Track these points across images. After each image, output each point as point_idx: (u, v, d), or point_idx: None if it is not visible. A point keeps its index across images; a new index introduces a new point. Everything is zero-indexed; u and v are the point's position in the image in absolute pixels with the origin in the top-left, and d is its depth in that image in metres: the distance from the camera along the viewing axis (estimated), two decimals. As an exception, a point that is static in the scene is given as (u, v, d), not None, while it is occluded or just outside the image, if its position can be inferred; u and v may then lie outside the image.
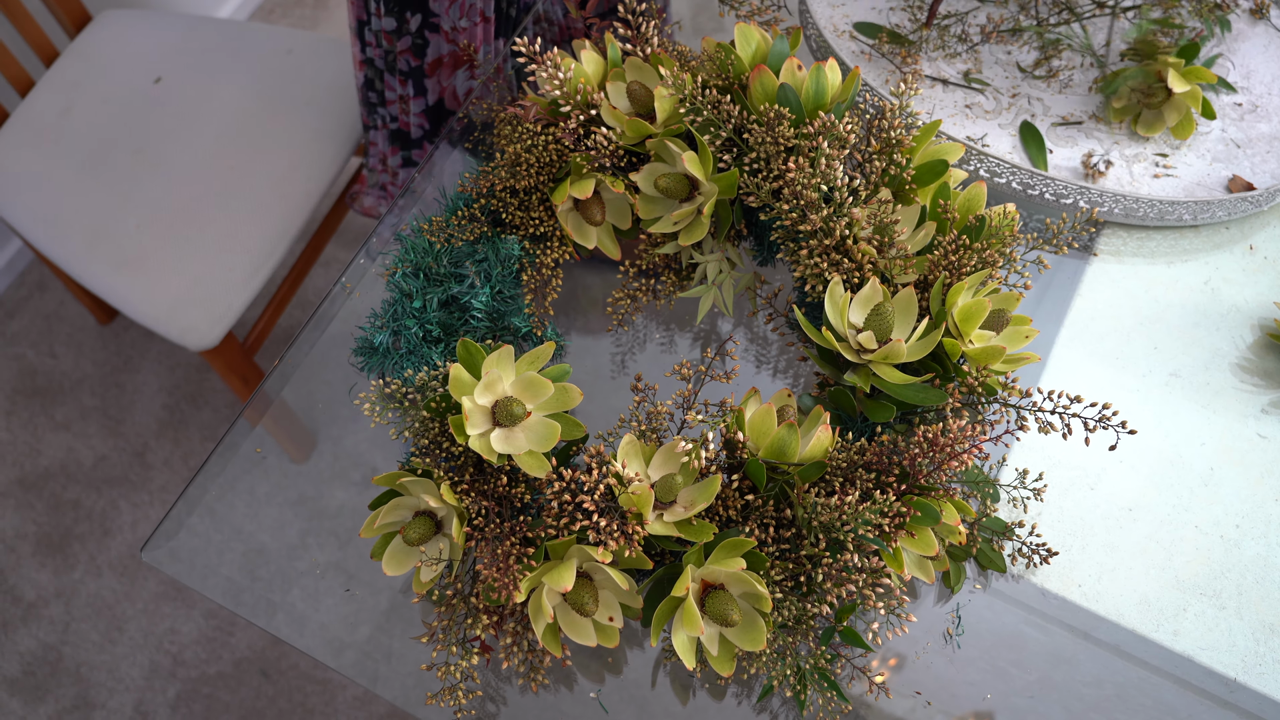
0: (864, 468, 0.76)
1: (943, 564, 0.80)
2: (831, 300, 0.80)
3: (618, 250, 0.92)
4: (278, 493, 0.92)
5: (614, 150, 0.87)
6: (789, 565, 0.75)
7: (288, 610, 0.87)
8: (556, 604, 0.73)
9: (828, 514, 0.71)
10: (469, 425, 0.73)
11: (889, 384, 0.78)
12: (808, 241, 0.83)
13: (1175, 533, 0.87)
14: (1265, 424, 0.92)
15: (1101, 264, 0.99)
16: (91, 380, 1.97)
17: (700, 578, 0.72)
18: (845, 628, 0.78)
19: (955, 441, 0.72)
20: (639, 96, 0.88)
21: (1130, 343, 0.95)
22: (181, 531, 0.90)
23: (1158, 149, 1.01)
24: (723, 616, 0.70)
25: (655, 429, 0.78)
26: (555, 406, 0.76)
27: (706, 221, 0.86)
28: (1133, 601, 0.85)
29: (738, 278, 0.93)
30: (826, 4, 1.10)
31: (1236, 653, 0.83)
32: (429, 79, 1.11)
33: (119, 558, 1.82)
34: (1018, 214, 0.84)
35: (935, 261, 0.82)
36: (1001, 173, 0.98)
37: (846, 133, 0.82)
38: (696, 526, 0.73)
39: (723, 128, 0.85)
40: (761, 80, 0.85)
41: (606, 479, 0.73)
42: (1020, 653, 0.84)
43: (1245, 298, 0.97)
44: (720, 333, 0.97)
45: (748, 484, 0.78)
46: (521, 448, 0.74)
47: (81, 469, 1.90)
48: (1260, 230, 1.01)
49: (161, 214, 1.44)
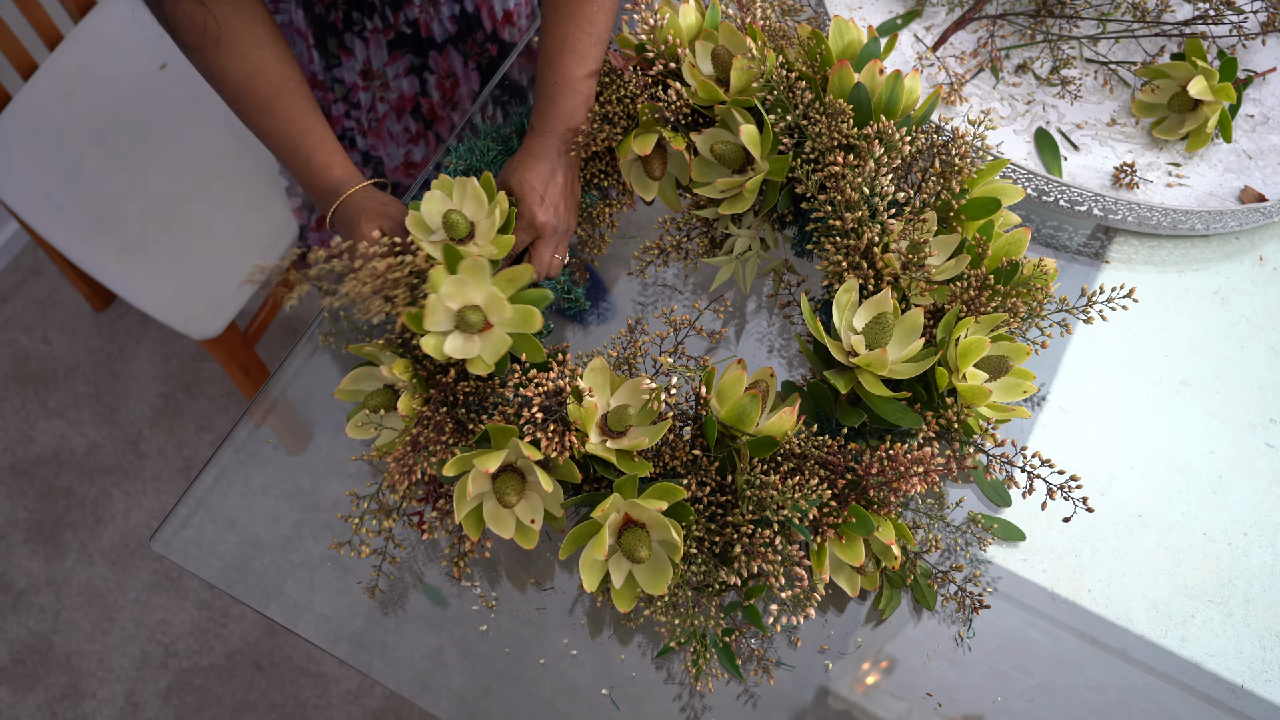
0: (819, 462, 0.77)
1: (872, 582, 0.80)
2: (840, 298, 0.80)
3: (678, 203, 0.95)
4: (273, 484, 0.92)
5: (681, 107, 0.89)
6: (712, 527, 0.77)
7: (283, 599, 0.87)
8: (484, 490, 0.76)
9: (764, 489, 0.73)
10: (429, 321, 0.76)
11: (869, 394, 0.78)
12: (835, 238, 0.83)
13: (1184, 540, 0.88)
14: (1274, 433, 0.92)
15: (1113, 271, 1.00)
16: (85, 367, 1.96)
17: (624, 510, 0.74)
18: (749, 605, 0.78)
19: (912, 464, 0.73)
20: (723, 61, 0.89)
21: (1141, 350, 0.96)
22: (173, 520, 0.90)
23: (1171, 158, 1.02)
24: (632, 551, 0.73)
25: (630, 363, 0.81)
26: (516, 326, 0.78)
27: (750, 196, 0.87)
28: (1141, 607, 0.85)
29: (766, 259, 0.94)
30: (845, 6, 1.10)
31: (1243, 659, 0.84)
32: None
33: (111, 546, 1.81)
34: (1056, 271, 0.84)
35: (956, 294, 0.82)
36: (1017, 178, 0.99)
37: (903, 143, 0.82)
38: (636, 462, 0.76)
39: (790, 111, 0.85)
40: (841, 75, 0.85)
41: (563, 384, 0.76)
42: (1025, 656, 0.84)
43: (1255, 308, 0.98)
44: (746, 311, 0.98)
45: (702, 441, 0.79)
46: (473, 354, 0.77)
47: (74, 457, 1.88)
48: (1270, 241, 1.02)
49: (165, 201, 1.43)
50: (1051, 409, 0.93)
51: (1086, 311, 0.85)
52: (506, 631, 0.84)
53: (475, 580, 0.86)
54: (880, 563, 0.80)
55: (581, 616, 0.84)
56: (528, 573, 0.86)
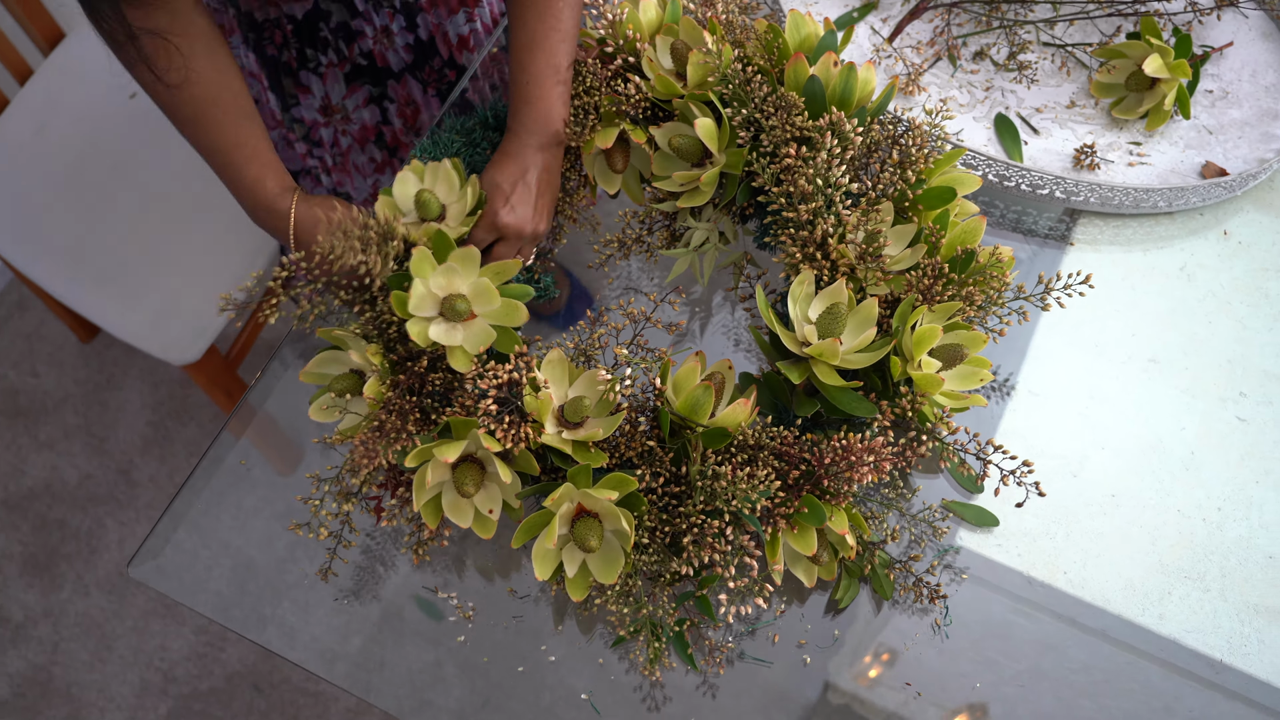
0: (774, 453, 0.77)
1: (829, 572, 0.80)
2: (795, 289, 0.81)
3: (643, 196, 0.95)
4: (265, 505, 0.91)
5: (640, 100, 0.89)
6: (664, 517, 0.78)
7: (278, 623, 0.87)
8: (444, 480, 0.77)
9: (716, 480, 0.74)
10: (414, 305, 0.77)
11: (824, 384, 0.78)
12: (791, 230, 0.83)
13: (1158, 517, 0.88)
14: (1243, 407, 0.93)
15: (1078, 253, 1.00)
16: (74, 399, 1.96)
17: (577, 500, 0.75)
18: (701, 595, 0.79)
19: (864, 453, 0.74)
20: (682, 56, 0.90)
21: (1109, 329, 0.96)
22: (168, 547, 0.90)
23: (1131, 137, 1.02)
24: (583, 540, 0.74)
25: (588, 354, 0.82)
26: (500, 319, 0.80)
27: (707, 190, 0.87)
28: (1118, 586, 0.85)
29: (726, 252, 0.94)
30: (800, 2, 1.10)
31: (1222, 634, 0.84)
32: (422, 15, 1.11)
33: (106, 576, 1.81)
34: (1013, 259, 0.84)
35: (911, 283, 0.82)
36: (978, 165, 0.99)
37: (855, 134, 0.82)
38: (591, 452, 0.77)
39: (746, 105, 0.85)
40: (796, 69, 0.86)
41: (520, 375, 0.76)
42: (1008, 642, 0.84)
43: (1221, 283, 0.98)
44: (712, 304, 0.98)
45: (658, 432, 0.80)
46: (455, 342, 0.78)
47: (66, 488, 1.89)
48: (1234, 215, 1.02)
49: (140, 229, 1.44)
50: (1021, 393, 0.93)
51: (1044, 299, 0.85)
52: (499, 643, 0.84)
53: (453, 593, 0.86)
54: (838, 553, 0.80)
55: (568, 620, 0.85)
56: (504, 576, 0.86)
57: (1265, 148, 1.01)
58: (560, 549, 0.75)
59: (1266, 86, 1.06)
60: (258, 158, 0.87)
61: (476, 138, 0.95)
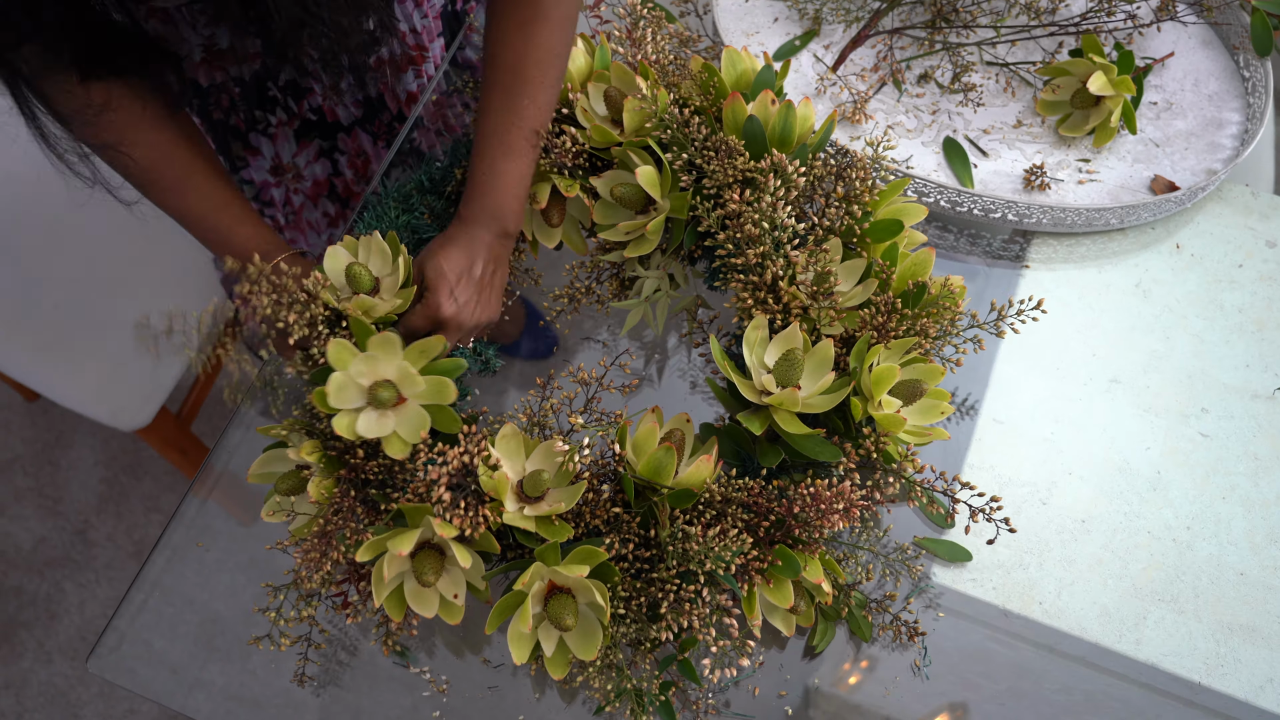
0: (741, 506, 0.76)
1: (807, 619, 0.80)
2: (749, 336, 0.79)
3: (584, 246, 0.94)
4: (228, 558, 0.89)
5: (576, 151, 0.88)
6: (637, 585, 0.76)
7: (249, 676, 0.84)
8: (404, 570, 0.75)
9: (687, 541, 0.73)
10: (334, 398, 0.74)
11: (786, 431, 0.77)
12: (739, 275, 0.82)
13: (1129, 540, 0.88)
14: (1206, 422, 0.93)
15: (1034, 275, 1.00)
16: (23, 460, 1.91)
17: (548, 578, 0.73)
18: (683, 659, 0.78)
19: (834, 499, 0.73)
20: (615, 102, 0.88)
21: (1069, 351, 0.96)
22: (128, 630, 0.87)
23: (1080, 154, 1.02)
24: (558, 620, 0.72)
25: (543, 425, 0.81)
26: (430, 398, 0.77)
27: (654, 238, 0.86)
28: (1093, 614, 0.85)
29: (678, 297, 0.93)
30: (741, 33, 1.09)
31: (1199, 656, 0.84)
32: (373, 73, 1.09)
33: (68, 641, 1.76)
34: (964, 289, 0.83)
35: (865, 320, 0.81)
36: (929, 192, 0.98)
37: (797, 176, 0.81)
38: (556, 526, 0.75)
39: (686, 148, 0.84)
40: (734, 108, 0.84)
41: (473, 457, 0.74)
42: (988, 665, 0.84)
43: (1176, 297, 0.98)
44: (667, 347, 0.97)
45: (622, 497, 0.78)
46: (387, 431, 0.75)
47: (21, 553, 1.84)
48: (1185, 228, 1.02)
49: (80, 292, 1.39)
50: (985, 421, 0.92)
51: (998, 326, 0.84)
52: (477, 714, 0.82)
53: (425, 666, 0.84)
54: (814, 599, 0.79)
55: (548, 689, 0.83)
56: (476, 650, 0.84)
57: (1212, 158, 1.02)
58: (535, 629, 0.73)
59: (1209, 95, 1.06)
60: (245, 220, 0.86)
61: (414, 203, 0.92)
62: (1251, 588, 0.86)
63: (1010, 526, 0.80)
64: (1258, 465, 0.91)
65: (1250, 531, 0.88)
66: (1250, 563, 0.87)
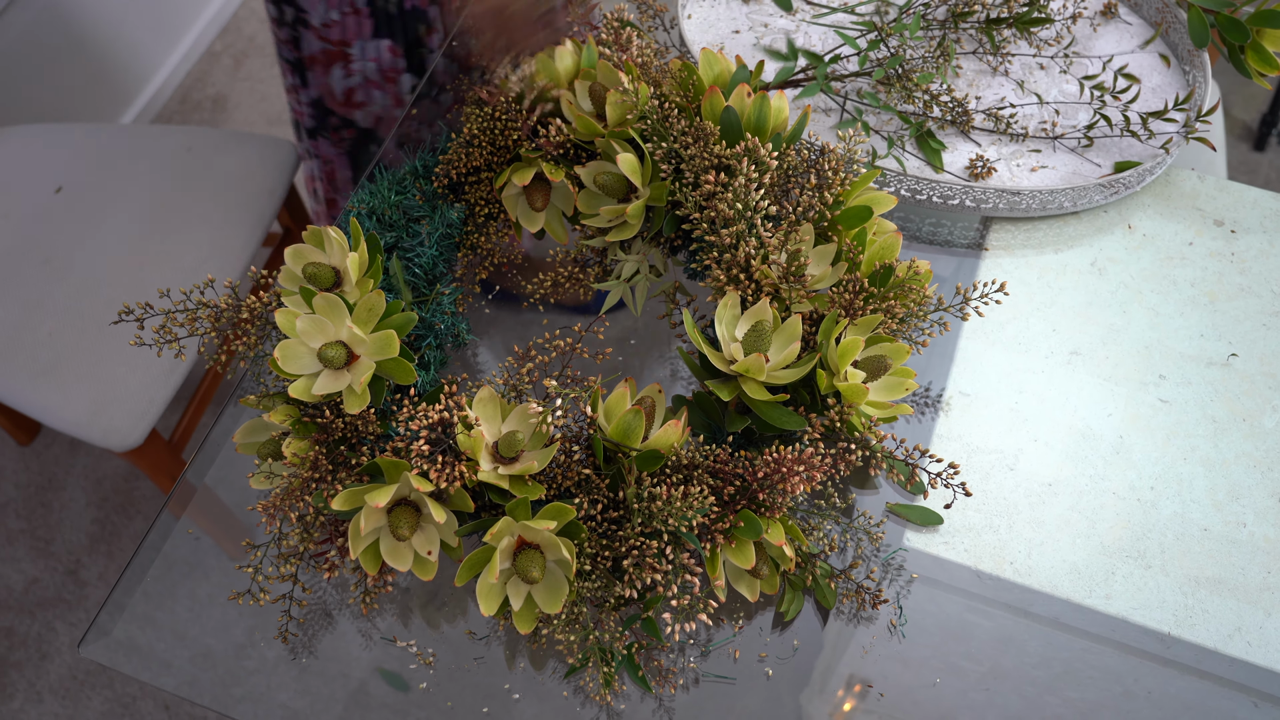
0: (708, 471, 0.79)
1: (771, 586, 0.82)
2: (721, 311, 0.83)
3: (566, 235, 0.98)
4: (220, 592, 0.90)
5: (562, 142, 0.93)
6: (605, 543, 0.79)
7: (243, 710, 0.85)
8: (380, 526, 0.77)
9: (652, 502, 0.75)
10: (284, 363, 0.79)
11: (753, 400, 0.81)
12: (715, 254, 0.86)
13: (1095, 501, 0.91)
14: (1164, 389, 0.96)
15: (994, 258, 1.04)
16: (16, 503, 1.92)
17: (518, 533, 0.75)
18: (646, 617, 0.80)
19: (795, 464, 0.76)
20: (600, 99, 0.93)
21: (1030, 328, 1.00)
22: (119, 632, 0.88)
23: (1032, 145, 1.07)
24: (525, 572, 0.74)
25: (519, 389, 0.83)
26: (379, 353, 0.80)
27: (634, 223, 0.90)
28: (1063, 572, 0.87)
29: (658, 283, 0.96)
30: (708, 45, 1.15)
31: (1167, 608, 0.86)
32: (309, 72, 1.13)
33: (59, 681, 1.76)
34: (930, 272, 0.87)
35: (833, 299, 0.85)
36: (890, 181, 1.03)
37: (770, 158, 0.85)
38: (529, 485, 0.78)
39: (666, 138, 0.88)
40: (712, 101, 0.89)
41: (453, 414, 0.77)
42: (968, 644, 0.85)
43: (1131, 274, 1.03)
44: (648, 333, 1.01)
45: (593, 460, 0.81)
46: (343, 386, 0.79)
47: (12, 594, 1.84)
48: (1136, 210, 1.07)
49: (75, 319, 1.43)
50: (953, 394, 0.96)
51: (963, 309, 0.88)
52: (464, 686, 0.84)
53: (411, 641, 0.86)
54: (779, 566, 0.81)
55: (521, 657, 0.84)
56: (453, 623, 0.86)
57: (1158, 145, 1.06)
58: (504, 583, 0.76)
59: (1153, 88, 1.12)
60: None
61: (408, 184, 0.97)
62: (1215, 542, 0.89)
63: (967, 490, 0.82)
64: (1216, 427, 0.94)
65: (1212, 489, 0.91)
66: (1213, 519, 0.90)
